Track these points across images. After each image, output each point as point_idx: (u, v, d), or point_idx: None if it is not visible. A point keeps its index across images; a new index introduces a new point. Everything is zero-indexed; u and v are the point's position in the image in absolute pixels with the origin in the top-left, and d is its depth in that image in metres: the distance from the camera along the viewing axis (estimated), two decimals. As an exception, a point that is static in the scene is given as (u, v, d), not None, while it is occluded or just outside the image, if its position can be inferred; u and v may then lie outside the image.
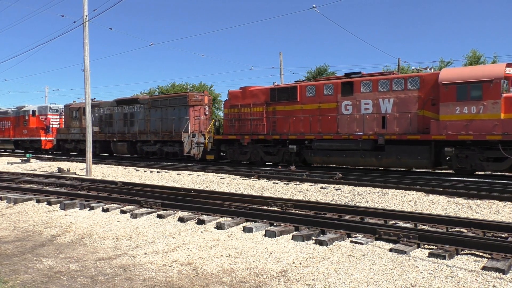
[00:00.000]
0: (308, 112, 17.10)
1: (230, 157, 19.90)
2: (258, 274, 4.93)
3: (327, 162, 16.86)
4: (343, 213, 7.88)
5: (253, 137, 18.57)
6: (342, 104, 16.25)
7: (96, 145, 26.64)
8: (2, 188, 11.79)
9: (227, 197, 9.56)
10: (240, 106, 19.17)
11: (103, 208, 8.90)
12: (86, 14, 17.38)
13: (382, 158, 15.07)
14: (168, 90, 49.55)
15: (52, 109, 32.80)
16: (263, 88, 19.17)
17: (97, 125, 26.83)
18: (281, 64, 34.96)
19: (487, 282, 4.40)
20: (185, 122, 21.83)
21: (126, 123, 25.53)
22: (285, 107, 17.85)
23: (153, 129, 23.76)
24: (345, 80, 16.37)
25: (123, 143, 25.36)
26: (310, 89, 17.19)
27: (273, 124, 18.25)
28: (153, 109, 23.95)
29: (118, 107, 26.14)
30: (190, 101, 22.09)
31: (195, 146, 21.50)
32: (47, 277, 5.05)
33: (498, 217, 7.98)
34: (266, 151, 18.49)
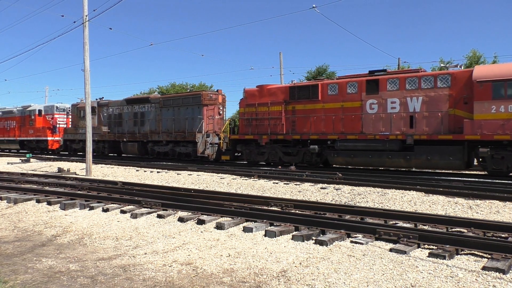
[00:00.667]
0: (330, 111, 16.54)
1: (246, 157, 19.32)
2: (258, 274, 4.93)
3: (351, 163, 16.29)
4: (343, 213, 7.88)
5: (271, 137, 18.01)
6: (366, 103, 15.68)
7: (105, 145, 26.63)
8: (2, 188, 11.79)
9: (227, 197, 9.56)
10: (257, 105, 18.63)
11: (103, 208, 8.90)
12: (86, 14, 17.38)
13: (411, 159, 14.50)
14: (168, 90, 49.54)
15: (58, 109, 32.15)
16: (281, 86, 18.66)
17: (106, 124, 26.48)
18: (281, 64, 34.97)
19: (487, 282, 4.40)
20: (199, 121, 21.29)
21: (136, 123, 24.95)
22: (305, 106, 17.27)
23: (164, 129, 23.13)
24: (370, 78, 15.76)
25: (133, 143, 24.72)
26: (332, 87, 16.59)
27: (292, 124, 17.68)
28: (165, 109, 23.36)
29: (128, 106, 25.56)
30: (204, 100, 21.45)
31: (209, 146, 20.92)
32: (47, 277, 5.05)
33: (498, 217, 7.98)
34: (285, 152, 17.95)
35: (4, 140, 35.69)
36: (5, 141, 35.67)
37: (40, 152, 31.56)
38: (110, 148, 26.69)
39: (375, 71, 16.13)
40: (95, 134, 26.01)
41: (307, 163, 17.37)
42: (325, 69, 38.53)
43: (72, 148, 29.45)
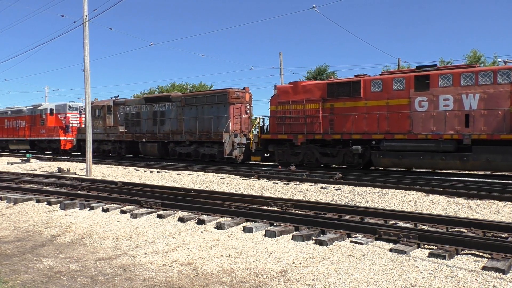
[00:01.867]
0: (374, 109, 15.48)
1: (279, 158, 18.27)
2: (258, 274, 4.93)
3: (398, 164, 15.29)
4: (343, 213, 7.88)
5: (308, 136, 17.00)
6: (415, 100, 14.60)
7: (121, 146, 25.64)
8: (2, 188, 11.79)
9: (227, 197, 9.56)
10: (291, 103, 17.56)
11: (103, 208, 8.89)
12: (86, 14, 17.38)
13: (468, 161, 13.54)
14: (168, 90, 49.55)
15: (71, 108, 30.98)
16: (318, 82, 17.78)
17: (123, 124, 25.45)
18: (281, 64, 34.97)
19: (487, 282, 4.40)
20: (225, 121, 20.14)
21: (156, 122, 23.71)
22: (345, 104, 16.21)
23: (187, 128, 21.99)
24: (419, 73, 14.72)
25: (153, 144, 23.51)
26: (376, 84, 15.52)
27: (330, 123, 16.62)
28: (187, 107, 22.20)
29: (147, 105, 24.40)
30: (230, 98, 20.20)
31: (236, 147, 19.78)
32: (47, 277, 5.05)
33: (498, 217, 7.98)
34: (322, 152, 16.94)
35: (14, 140, 34.66)
36: (15, 141, 34.62)
37: (52, 153, 30.73)
38: (128, 148, 25.61)
39: (423, 66, 15.14)
40: (112, 134, 25.62)
41: (347, 165, 16.47)
42: (325, 69, 38.53)
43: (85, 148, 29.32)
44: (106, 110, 26.32)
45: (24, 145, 33.58)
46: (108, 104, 26.41)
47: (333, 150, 16.66)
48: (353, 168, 16.15)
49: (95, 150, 26.97)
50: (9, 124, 35.36)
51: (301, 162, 17.61)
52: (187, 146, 22.00)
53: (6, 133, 35.55)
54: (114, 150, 26.11)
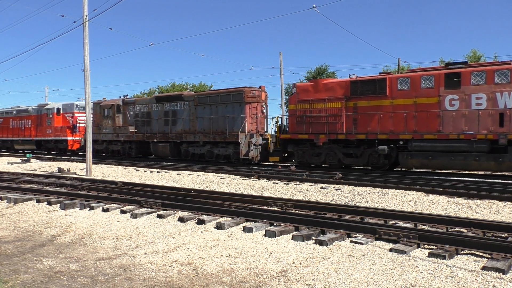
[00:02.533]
0: (400, 108, 14.92)
1: (298, 159, 17.64)
2: (258, 274, 4.94)
3: (427, 165, 14.59)
4: (343, 213, 7.88)
5: (330, 136, 16.35)
6: (445, 99, 14.05)
7: (131, 146, 25.09)
8: (2, 188, 11.79)
9: (227, 197, 9.56)
10: (311, 101, 16.93)
11: (103, 208, 8.90)
12: (86, 14, 17.39)
13: (504, 161, 13.05)
14: (168, 90, 49.57)
15: (78, 107, 29.94)
16: (341, 80, 17.10)
17: (133, 124, 24.84)
18: (281, 64, 34.98)
19: (487, 282, 4.40)
20: (241, 121, 19.50)
21: (167, 122, 23.06)
22: (369, 102, 15.63)
23: (200, 128, 21.34)
24: (449, 70, 14.22)
25: (165, 144, 22.81)
26: (403, 82, 14.93)
27: (353, 122, 16.04)
28: (200, 107, 21.53)
29: (158, 104, 23.75)
30: (246, 97, 19.50)
31: (253, 148, 19.09)
32: (47, 277, 5.05)
33: (498, 217, 7.99)
34: (345, 153, 16.34)
35: (19, 140, 33.88)
36: (20, 141, 33.86)
37: (59, 153, 30.17)
38: (138, 149, 25.00)
39: (452, 63, 14.78)
40: (121, 134, 25.10)
41: (372, 166, 15.86)
42: (325, 69, 38.56)
43: (94, 148, 28.45)
44: (116, 109, 25.69)
45: (30, 145, 32.92)
46: (118, 103, 25.83)
47: (357, 151, 16.07)
48: (378, 169, 15.60)
49: (104, 151, 26.72)
50: (15, 124, 34.70)
51: (323, 163, 17.10)
52: (201, 146, 21.41)
53: (12, 133, 34.89)
54: (124, 151, 25.59)
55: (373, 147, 15.58)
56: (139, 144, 24.75)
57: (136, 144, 24.81)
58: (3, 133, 36.04)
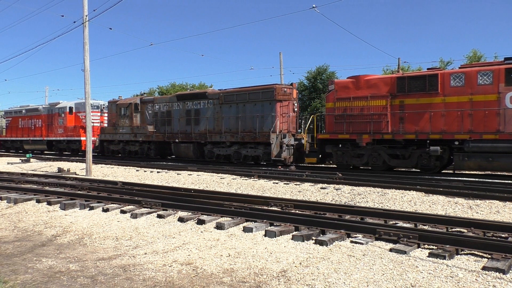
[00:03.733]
0: (453, 106, 13.92)
1: (338, 160, 16.58)
2: (258, 274, 4.93)
3: (486, 168, 13.65)
4: (343, 213, 7.88)
5: (375, 136, 15.29)
6: (506, 96, 13.08)
7: (150, 147, 23.99)
8: (2, 188, 11.79)
9: (227, 197, 9.56)
10: (352, 99, 15.94)
11: (103, 208, 8.90)
12: (86, 14, 17.39)
13: None
14: (168, 90, 49.55)
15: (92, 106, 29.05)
16: (385, 77, 16.16)
17: (151, 123, 23.72)
18: (281, 64, 34.97)
19: (487, 282, 4.40)
20: (271, 120, 18.38)
21: (189, 122, 21.83)
22: (418, 100, 14.63)
23: (226, 128, 20.14)
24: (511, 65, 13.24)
25: (187, 145, 21.60)
26: (457, 78, 13.97)
27: (400, 121, 15.03)
28: (226, 105, 20.31)
29: (179, 103, 22.52)
30: (277, 95, 18.36)
31: (285, 148, 17.95)
32: (47, 277, 5.05)
33: (498, 217, 7.98)
34: (391, 154, 15.28)
35: (29, 140, 32.40)
36: (30, 141, 32.35)
37: (71, 154, 29.09)
38: (157, 149, 23.78)
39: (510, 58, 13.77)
40: (140, 134, 24.05)
41: (422, 168, 14.83)
42: (325, 69, 38.52)
43: (109, 149, 26.48)
44: (133, 108, 24.52)
45: (40, 146, 31.68)
46: (135, 102, 24.84)
47: (405, 152, 14.98)
48: (429, 171, 14.55)
49: (121, 151, 25.73)
50: (24, 124, 33.46)
51: (365, 165, 16.11)
52: (227, 147, 20.13)
53: (21, 133, 33.57)
54: (142, 151, 24.47)
55: (423, 148, 14.57)
56: (158, 145, 23.67)
57: (156, 145, 23.70)
58: (12, 133, 34.85)
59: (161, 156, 24.09)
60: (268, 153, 18.19)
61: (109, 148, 26.43)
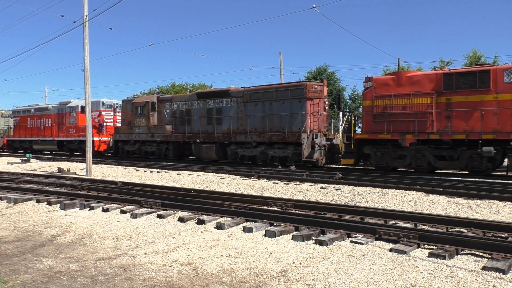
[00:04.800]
0: (507, 104, 13.16)
1: (376, 161, 15.67)
2: (258, 274, 4.93)
3: None
4: (343, 213, 7.88)
5: (420, 136, 14.43)
6: None
7: (168, 147, 23.00)
8: (2, 188, 11.79)
9: (227, 197, 9.56)
10: (392, 97, 15.09)
11: (103, 208, 8.90)
12: (86, 14, 17.39)
13: None
14: (168, 90, 49.55)
15: (105, 105, 27.68)
16: (430, 73, 15.19)
17: (169, 123, 22.83)
18: (281, 64, 34.97)
19: (487, 282, 4.40)
20: (301, 119, 17.53)
21: (211, 121, 20.90)
22: (467, 98, 13.78)
23: (251, 127, 19.18)
24: None
25: (210, 145, 20.57)
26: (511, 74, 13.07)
27: (446, 120, 14.16)
28: (251, 104, 19.35)
29: (199, 101, 21.52)
30: (308, 92, 17.39)
31: (317, 149, 16.96)
32: (47, 277, 5.05)
33: (498, 217, 7.98)
34: (437, 155, 14.40)
35: (39, 140, 31.29)
36: (40, 141, 31.24)
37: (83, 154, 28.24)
38: (176, 150, 22.79)
39: None
40: (157, 134, 23.13)
41: (472, 170, 14.00)
42: (325, 69, 38.53)
43: (124, 150, 25.50)
44: (150, 107, 23.66)
45: (50, 146, 30.64)
46: (152, 100, 23.91)
47: (453, 153, 14.12)
48: (478, 174, 13.81)
49: (136, 152, 24.81)
50: (33, 123, 32.30)
51: (407, 166, 15.32)
52: (253, 148, 19.13)
53: (30, 133, 32.38)
54: (160, 152, 23.53)
55: (473, 149, 13.71)
56: (177, 145, 22.74)
57: (174, 145, 22.75)
58: (20, 133, 33.64)
59: (179, 157, 23.19)
60: (298, 153, 17.31)
61: (124, 149, 25.57)
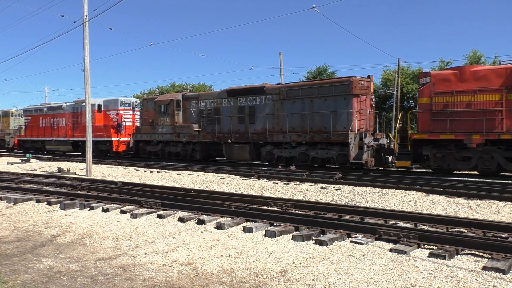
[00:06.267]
0: None
1: (436, 163, 14.55)
2: (258, 274, 4.93)
3: None
4: (343, 213, 7.88)
5: (488, 136, 13.33)
6: None
7: (195, 148, 21.86)
8: (2, 188, 11.78)
9: (227, 197, 9.56)
10: (454, 93, 13.99)
11: (103, 208, 8.89)
12: (86, 14, 17.38)
13: None
14: (168, 90, 49.56)
15: (123, 103, 26.57)
16: (498, 67, 14.17)
17: (196, 122, 21.78)
18: (281, 64, 34.97)
19: (487, 282, 4.40)
20: (347, 117, 16.45)
21: (243, 120, 19.81)
22: None
23: (290, 127, 18.08)
24: None
25: (242, 146, 19.45)
26: None
27: None
28: (288, 101, 18.24)
29: (230, 99, 20.47)
30: (354, 88, 16.32)
31: (366, 149, 15.80)
32: (47, 277, 5.04)
33: (498, 217, 7.98)
34: (509, 157, 13.34)
35: (52, 140, 30.17)
36: (53, 142, 30.15)
37: (101, 155, 26.61)
38: (203, 151, 21.70)
39: None
40: (183, 134, 21.98)
41: None
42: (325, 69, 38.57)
43: (146, 150, 24.41)
44: (175, 105, 22.58)
45: (65, 146, 29.53)
46: (177, 98, 22.88)
47: None
48: None
49: (159, 153, 23.70)
50: (45, 123, 31.15)
51: (473, 169, 14.26)
52: (291, 148, 18.06)
53: (43, 133, 31.23)
54: (185, 153, 22.44)
55: None
56: (205, 146, 21.70)
57: (201, 146, 21.68)
58: (32, 133, 32.37)
59: (206, 158, 22.08)
60: (344, 154, 16.27)
61: (146, 149, 24.48)
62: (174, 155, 23.14)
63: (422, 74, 15.25)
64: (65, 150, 30.18)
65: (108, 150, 26.44)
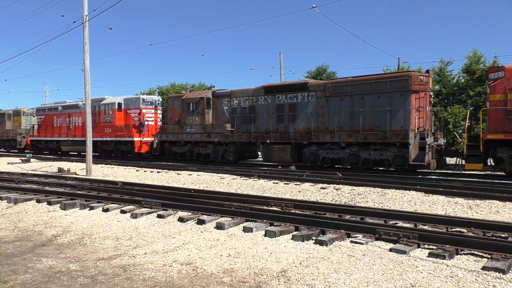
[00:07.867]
0: None
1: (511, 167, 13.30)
2: (258, 274, 4.94)
3: None
4: (343, 213, 7.88)
5: None
6: None
7: (228, 149, 20.56)
8: (2, 188, 11.79)
9: (227, 197, 9.56)
10: None
11: (103, 208, 8.90)
12: (86, 14, 17.39)
13: None
14: (168, 90, 49.55)
15: (145, 102, 25.31)
16: None
17: (228, 121, 20.52)
18: (281, 64, 34.97)
19: (487, 282, 4.40)
20: (405, 115, 15.16)
21: (282, 119, 18.54)
22: None
23: (338, 126, 16.70)
24: None
25: (283, 147, 18.14)
26: None
27: None
28: (335, 98, 16.95)
29: (267, 96, 19.14)
30: (413, 84, 14.99)
31: (428, 150, 14.56)
32: (47, 277, 5.05)
33: (498, 217, 7.98)
34: None
35: (68, 140, 28.98)
36: (69, 142, 28.92)
37: (121, 157, 25.31)
38: (237, 152, 20.46)
39: None
40: (215, 134, 20.64)
41: None
42: (325, 69, 38.53)
43: (171, 151, 23.22)
44: (205, 104, 21.26)
45: (81, 146, 26.98)
46: (207, 96, 21.51)
47: None
48: None
49: (187, 154, 22.45)
50: (60, 122, 29.98)
51: None
52: (339, 149, 16.74)
53: (58, 132, 30.08)
54: (216, 155, 21.09)
55: None
56: (238, 146, 20.46)
57: (235, 147, 20.36)
58: (47, 132, 31.10)
59: (236, 160, 20.83)
60: (402, 156, 15.09)
61: (172, 150, 23.26)
62: (203, 156, 21.83)
63: (492, 68, 14.09)
64: (82, 150, 27.93)
65: (130, 151, 25.12)
